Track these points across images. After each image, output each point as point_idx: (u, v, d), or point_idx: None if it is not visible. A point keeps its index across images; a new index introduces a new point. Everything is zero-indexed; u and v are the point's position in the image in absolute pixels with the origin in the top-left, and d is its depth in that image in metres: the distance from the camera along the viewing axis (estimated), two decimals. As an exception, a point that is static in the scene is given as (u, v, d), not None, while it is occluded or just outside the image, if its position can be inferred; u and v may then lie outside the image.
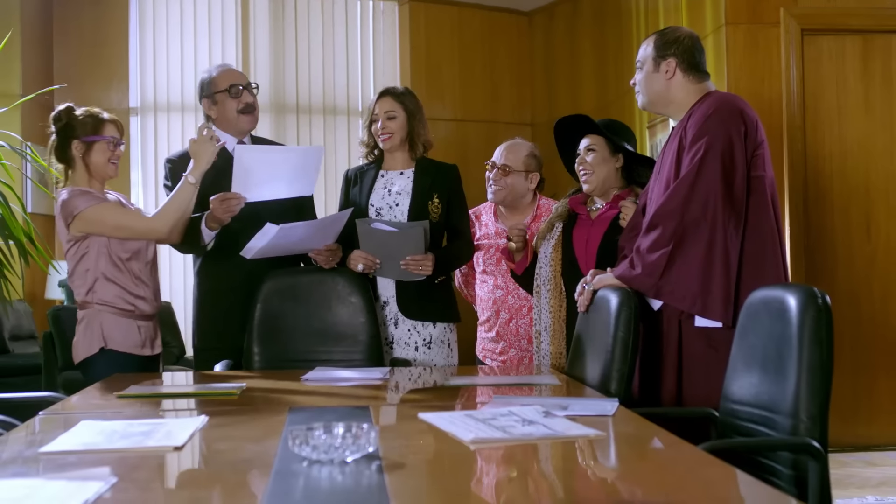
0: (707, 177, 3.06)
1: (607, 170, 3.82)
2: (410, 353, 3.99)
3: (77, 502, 1.47)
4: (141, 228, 3.59)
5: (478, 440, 1.97)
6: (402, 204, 4.01)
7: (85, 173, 3.60)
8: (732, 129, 3.11)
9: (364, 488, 1.64)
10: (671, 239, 3.06)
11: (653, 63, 3.35)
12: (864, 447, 5.77)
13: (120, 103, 7.37)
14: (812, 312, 2.24)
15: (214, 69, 4.08)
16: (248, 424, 2.38)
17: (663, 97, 3.35)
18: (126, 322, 3.58)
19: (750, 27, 5.76)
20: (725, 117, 3.13)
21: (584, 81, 7.76)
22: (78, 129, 3.57)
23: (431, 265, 3.87)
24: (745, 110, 3.18)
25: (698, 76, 3.33)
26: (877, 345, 5.86)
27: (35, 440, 2.14)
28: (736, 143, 3.09)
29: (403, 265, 3.85)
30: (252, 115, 4.02)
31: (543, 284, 3.87)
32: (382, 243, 3.87)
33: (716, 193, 3.04)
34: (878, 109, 5.88)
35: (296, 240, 3.79)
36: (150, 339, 3.68)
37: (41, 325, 6.65)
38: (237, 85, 3.98)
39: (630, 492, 1.72)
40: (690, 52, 3.32)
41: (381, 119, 4.03)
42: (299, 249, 3.93)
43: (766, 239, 3.11)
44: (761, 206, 3.12)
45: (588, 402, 2.53)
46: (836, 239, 5.86)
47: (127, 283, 3.58)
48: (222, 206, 3.68)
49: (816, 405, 2.19)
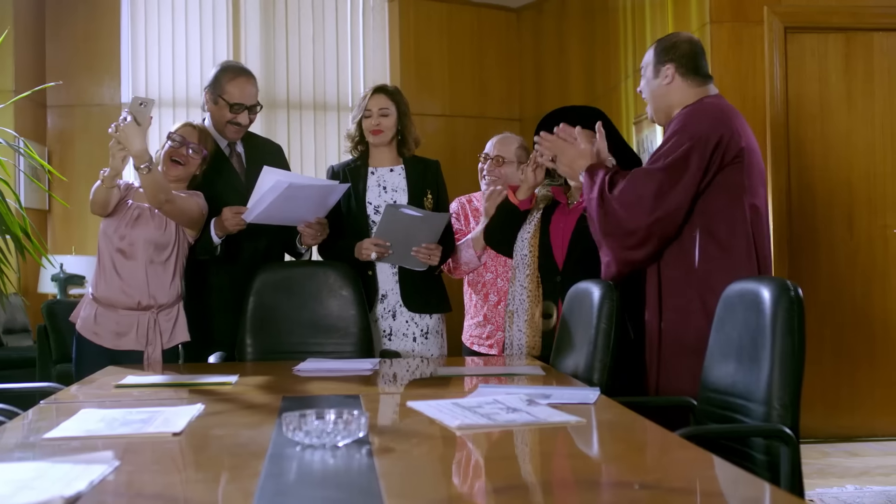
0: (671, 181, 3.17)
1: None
2: (409, 344, 4.08)
3: (83, 483, 1.54)
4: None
5: (463, 426, 2.05)
6: (401, 201, 4.09)
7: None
8: (711, 138, 3.19)
9: (354, 471, 1.72)
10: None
11: (653, 70, 3.41)
12: (845, 438, 5.86)
13: (112, 99, 7.41)
14: (785, 304, 2.31)
15: (233, 71, 4.10)
16: (242, 412, 2.45)
17: (665, 103, 3.42)
18: (93, 309, 3.72)
19: (734, 25, 5.84)
20: (694, 122, 3.22)
21: (571, 77, 7.82)
22: None
23: (439, 255, 3.97)
24: (722, 116, 3.25)
25: (698, 80, 3.38)
26: (858, 337, 5.96)
27: (38, 427, 2.21)
28: (695, 148, 3.17)
29: (415, 252, 3.93)
30: (239, 130, 4.08)
31: (520, 266, 3.92)
32: (402, 228, 3.93)
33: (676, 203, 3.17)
34: (860, 106, 5.97)
35: (296, 204, 3.81)
36: (111, 332, 3.73)
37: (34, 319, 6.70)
38: (241, 105, 4.03)
39: (608, 474, 1.80)
40: (689, 57, 3.37)
41: (374, 115, 4.09)
42: (294, 219, 3.94)
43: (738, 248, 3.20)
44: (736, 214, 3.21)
45: (570, 391, 2.60)
46: (818, 233, 5.95)
47: (109, 275, 3.71)
48: (234, 218, 3.77)
49: (789, 393, 2.27)
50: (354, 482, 1.66)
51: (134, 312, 3.70)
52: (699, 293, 3.20)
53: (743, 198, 3.21)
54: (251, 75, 4.14)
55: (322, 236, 4.01)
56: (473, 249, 4.25)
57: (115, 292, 3.70)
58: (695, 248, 3.23)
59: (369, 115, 4.10)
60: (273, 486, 1.60)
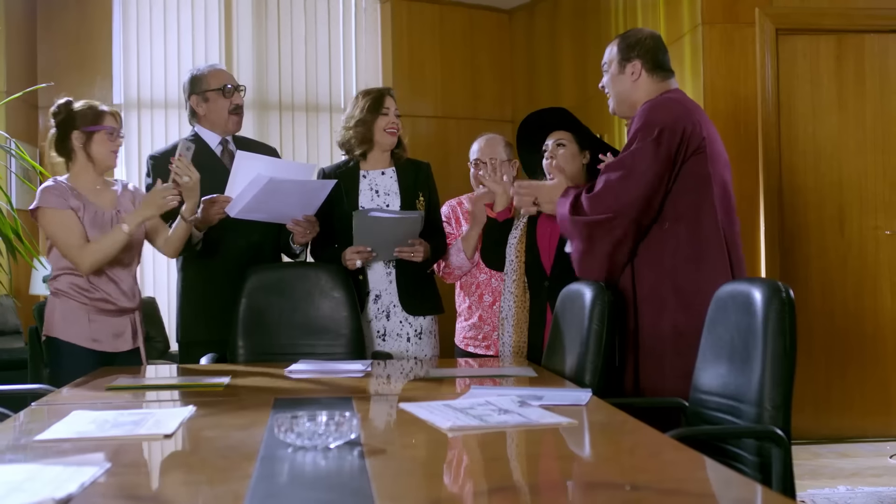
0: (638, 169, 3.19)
1: (575, 166, 3.88)
2: (403, 345, 4.08)
3: (75, 485, 1.54)
4: (68, 255, 3.61)
5: (455, 428, 2.05)
6: (393, 204, 4.09)
7: (87, 163, 3.66)
8: (674, 127, 3.21)
9: (346, 472, 1.72)
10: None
11: (618, 66, 3.43)
12: (836, 439, 5.88)
13: (104, 99, 7.23)
14: (776, 305, 2.32)
15: (205, 67, 4.14)
16: (234, 414, 2.45)
17: (629, 98, 3.43)
18: (77, 313, 3.64)
19: (726, 27, 5.85)
20: (659, 115, 3.24)
21: (563, 78, 7.83)
22: (78, 121, 3.63)
23: (422, 251, 3.96)
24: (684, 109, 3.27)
25: (662, 75, 3.42)
26: (849, 338, 5.98)
27: (29, 429, 2.20)
28: (662, 136, 3.19)
29: (398, 252, 3.93)
30: (240, 117, 4.10)
31: (508, 271, 3.94)
32: (379, 230, 3.93)
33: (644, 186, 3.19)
34: (851, 107, 6.00)
35: (281, 199, 3.81)
36: (110, 335, 3.69)
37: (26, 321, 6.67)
38: (231, 85, 4.04)
39: (599, 476, 1.80)
40: (654, 53, 3.40)
41: (391, 114, 4.09)
42: (282, 215, 3.94)
43: (707, 239, 3.21)
44: (704, 205, 3.22)
45: (562, 393, 2.61)
46: (810, 234, 5.97)
47: (87, 277, 3.63)
48: (213, 207, 3.76)
49: (780, 394, 2.27)
50: (346, 484, 1.66)
51: (125, 315, 3.70)
52: (673, 289, 3.22)
53: (710, 189, 3.22)
54: (221, 66, 4.27)
55: (312, 234, 4.00)
56: (464, 253, 4.25)
57: (115, 295, 3.68)
58: (665, 244, 3.24)
59: (387, 114, 4.09)
60: (264, 487, 1.60)
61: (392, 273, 4.09)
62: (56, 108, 3.66)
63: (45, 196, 3.58)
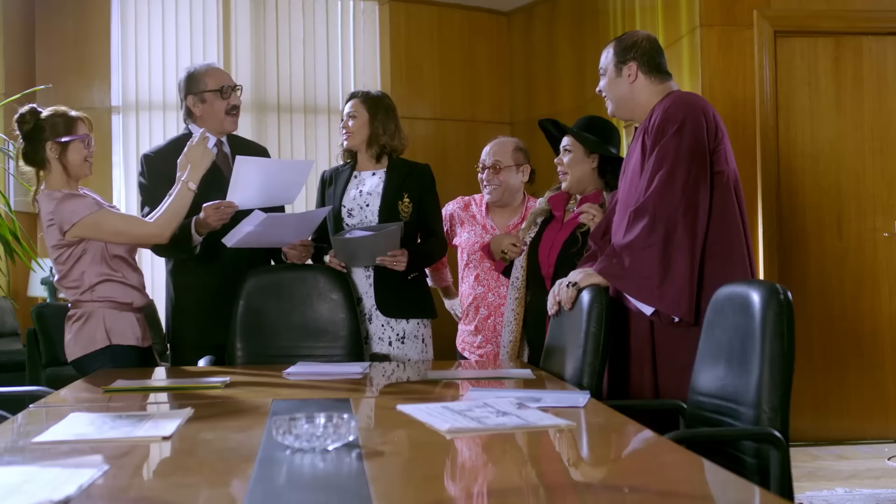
0: (680, 169, 3.14)
1: (582, 170, 3.90)
2: (384, 348, 4.07)
3: (72, 487, 1.54)
4: (142, 234, 3.60)
5: (453, 430, 2.05)
6: (373, 204, 4.09)
7: (62, 174, 3.57)
8: (699, 117, 3.20)
9: (344, 475, 1.72)
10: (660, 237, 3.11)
11: (615, 69, 3.42)
12: (834, 441, 5.89)
13: (102, 102, 7.40)
14: (774, 307, 2.32)
15: (201, 67, 4.11)
16: (232, 416, 2.45)
17: (628, 101, 3.42)
18: (126, 316, 3.63)
19: (724, 29, 5.86)
20: (688, 108, 3.22)
21: (562, 81, 7.83)
22: (49, 131, 3.52)
23: (405, 260, 3.95)
24: (703, 105, 3.27)
25: (660, 77, 3.40)
26: (847, 340, 5.98)
27: (27, 431, 2.20)
28: (699, 131, 3.17)
29: (379, 261, 3.94)
30: (237, 118, 4.10)
31: (511, 288, 3.98)
32: (360, 247, 3.94)
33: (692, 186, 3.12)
34: (849, 109, 6.00)
35: (278, 231, 3.85)
36: (144, 331, 3.73)
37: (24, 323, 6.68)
38: (228, 86, 4.04)
39: (597, 478, 1.80)
40: (650, 54, 3.39)
41: (344, 118, 4.15)
42: (277, 242, 3.99)
43: (731, 233, 3.18)
44: (727, 200, 3.19)
45: (560, 395, 2.61)
46: (807, 236, 5.97)
47: (123, 277, 3.62)
48: (216, 213, 3.75)
49: (778, 396, 2.28)
50: (344, 486, 1.66)
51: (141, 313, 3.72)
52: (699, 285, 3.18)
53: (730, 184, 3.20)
54: (218, 65, 4.28)
55: (307, 256, 4.10)
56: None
57: (137, 294, 3.69)
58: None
59: (342, 119, 4.17)
60: (263, 490, 1.60)
61: (371, 277, 4.09)
62: (20, 116, 3.55)
63: (69, 207, 3.47)
